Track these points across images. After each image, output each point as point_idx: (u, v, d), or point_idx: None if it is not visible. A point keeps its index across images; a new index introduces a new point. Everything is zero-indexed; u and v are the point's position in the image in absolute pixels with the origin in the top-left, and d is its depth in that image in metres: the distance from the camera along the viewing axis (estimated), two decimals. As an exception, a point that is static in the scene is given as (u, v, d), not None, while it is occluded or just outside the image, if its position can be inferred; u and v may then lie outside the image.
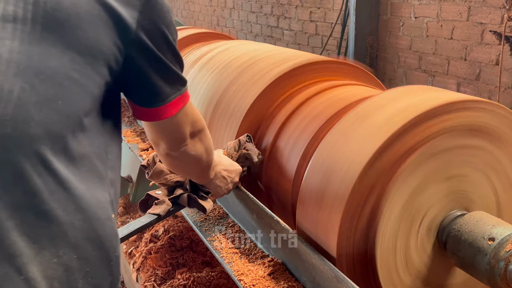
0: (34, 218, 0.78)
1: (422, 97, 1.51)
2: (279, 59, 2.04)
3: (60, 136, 0.82)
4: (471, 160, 1.49)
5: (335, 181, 1.41)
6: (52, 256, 0.79)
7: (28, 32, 0.81)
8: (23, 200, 0.77)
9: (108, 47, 0.90)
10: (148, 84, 1.03)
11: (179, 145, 1.27)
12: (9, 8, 0.80)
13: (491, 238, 1.32)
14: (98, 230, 0.87)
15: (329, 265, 1.34)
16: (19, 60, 0.79)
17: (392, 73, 4.34)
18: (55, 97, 0.82)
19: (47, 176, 0.80)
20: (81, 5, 0.86)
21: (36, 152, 0.78)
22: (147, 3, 0.96)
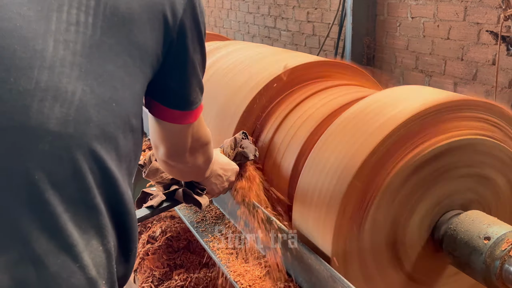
0: (85, 212, 0.84)
1: (418, 96, 1.51)
2: (276, 60, 2.04)
3: (113, 136, 0.88)
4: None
5: (330, 182, 1.41)
6: (99, 245, 0.85)
7: (89, 35, 0.85)
8: (78, 195, 0.83)
9: (153, 49, 0.96)
10: (179, 85, 1.06)
11: (178, 155, 1.28)
12: (73, 11, 0.85)
13: (487, 237, 1.32)
14: (131, 223, 0.94)
15: (325, 265, 1.34)
16: (81, 63, 0.83)
17: (389, 74, 4.34)
18: (110, 99, 0.87)
19: (99, 173, 0.85)
20: (134, 10, 0.91)
21: (93, 152, 0.84)
22: (189, 4, 1.01)
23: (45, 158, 0.79)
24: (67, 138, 0.80)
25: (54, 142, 0.79)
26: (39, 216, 0.78)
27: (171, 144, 1.23)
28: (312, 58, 2.05)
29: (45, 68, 0.79)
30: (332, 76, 2.04)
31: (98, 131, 0.84)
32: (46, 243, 0.78)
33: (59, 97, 0.80)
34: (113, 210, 0.89)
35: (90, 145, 0.83)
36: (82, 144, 0.82)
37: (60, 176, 0.80)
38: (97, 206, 0.85)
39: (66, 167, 0.81)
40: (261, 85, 1.91)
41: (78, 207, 0.82)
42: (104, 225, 0.86)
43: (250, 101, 1.89)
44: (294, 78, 1.94)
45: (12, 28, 0.79)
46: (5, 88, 0.77)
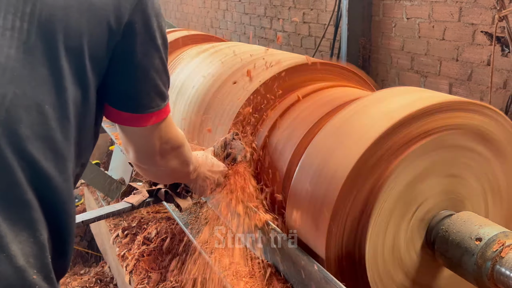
0: (15, 206, 0.86)
1: (415, 96, 1.52)
2: (271, 60, 2.04)
3: (47, 136, 0.90)
4: (472, 164, 1.51)
5: (323, 184, 1.42)
6: (29, 237, 0.87)
7: (23, 41, 0.88)
8: (7, 189, 0.85)
9: (96, 52, 0.98)
10: (130, 89, 1.08)
11: (148, 159, 1.29)
12: (9, 17, 0.87)
13: (478, 238, 1.33)
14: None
15: (318, 267, 1.35)
16: (14, 67, 0.86)
17: (384, 74, 4.34)
18: (43, 102, 0.89)
19: (29, 171, 0.87)
20: (73, 16, 0.94)
21: (23, 150, 0.86)
22: (137, 8, 1.01)
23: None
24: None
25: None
26: None
27: (137, 147, 1.25)
28: (306, 59, 2.06)
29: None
30: (327, 77, 2.04)
31: (29, 132, 0.87)
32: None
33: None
34: (47, 207, 0.90)
35: (20, 144, 0.86)
36: (11, 143, 0.85)
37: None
38: (28, 202, 0.87)
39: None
40: (253, 88, 1.92)
41: (7, 201, 0.85)
42: (35, 219, 0.88)
43: (243, 104, 1.90)
44: (287, 79, 1.95)
45: None
46: None
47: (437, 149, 1.43)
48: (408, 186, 1.42)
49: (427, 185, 1.45)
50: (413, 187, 1.43)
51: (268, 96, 1.94)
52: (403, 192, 1.42)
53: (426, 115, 1.40)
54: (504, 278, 1.27)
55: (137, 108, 1.11)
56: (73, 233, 0.99)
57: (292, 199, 1.53)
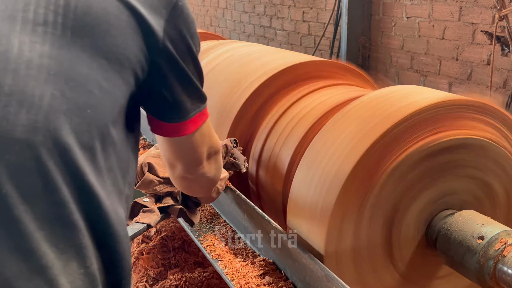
0: (62, 229, 0.76)
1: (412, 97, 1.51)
2: (269, 60, 2.04)
3: (89, 146, 0.80)
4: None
5: (322, 186, 1.42)
6: (79, 267, 0.78)
7: (58, 36, 0.78)
8: (52, 210, 0.75)
9: (135, 55, 0.87)
10: (171, 97, 0.98)
11: (196, 167, 1.20)
12: (40, 11, 0.78)
13: (481, 237, 1.33)
14: (119, 246, 0.85)
15: (319, 264, 1.34)
16: (49, 65, 0.76)
17: (384, 73, 4.35)
18: (85, 105, 0.79)
19: (75, 186, 0.77)
20: (111, 10, 0.83)
21: (67, 162, 0.76)
22: (174, 12, 0.93)
23: (13, 170, 0.71)
24: (36, 147, 0.73)
25: (21, 152, 0.72)
26: (9, 235, 0.71)
27: (187, 158, 1.16)
28: (306, 58, 2.05)
29: (9, 71, 0.73)
30: (327, 76, 2.04)
31: (72, 139, 0.76)
32: (17, 266, 0.71)
33: (25, 102, 0.73)
34: (94, 230, 0.80)
35: (63, 154, 0.75)
36: (54, 154, 0.74)
37: (31, 190, 0.73)
38: (75, 223, 0.77)
39: (36, 179, 0.73)
40: (253, 88, 1.91)
41: (53, 225, 0.74)
42: (84, 245, 0.78)
43: (243, 103, 1.89)
44: (287, 78, 1.94)
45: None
46: None
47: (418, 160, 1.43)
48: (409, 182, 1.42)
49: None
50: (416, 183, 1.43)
51: (266, 97, 1.93)
52: (404, 189, 1.42)
53: (458, 108, 1.42)
54: (506, 276, 1.27)
55: (184, 115, 1.02)
56: (128, 263, 0.87)
57: (292, 199, 1.53)
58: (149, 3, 0.89)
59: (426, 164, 1.42)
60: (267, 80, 1.91)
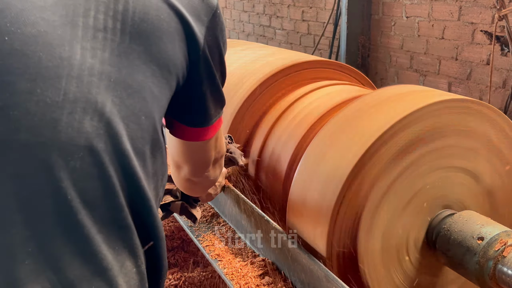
0: (118, 232, 0.78)
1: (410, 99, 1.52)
2: (268, 61, 2.03)
3: (142, 152, 0.82)
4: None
5: (322, 187, 1.42)
6: (133, 266, 0.80)
7: (117, 42, 0.79)
8: (110, 214, 0.77)
9: (180, 61, 0.88)
10: (200, 102, 0.99)
11: (203, 170, 1.21)
12: (100, 16, 0.78)
13: (480, 238, 1.33)
14: (161, 247, 0.88)
15: (319, 265, 1.34)
16: (110, 72, 0.77)
17: (383, 73, 4.34)
18: (140, 112, 0.80)
19: (130, 191, 0.80)
20: (164, 18, 0.84)
21: (125, 168, 0.78)
22: (213, 19, 0.94)
23: (77, 175, 0.73)
24: (99, 154, 0.74)
25: (85, 158, 0.73)
26: (71, 240, 0.73)
27: (196, 161, 1.17)
28: (304, 57, 2.05)
29: (73, 78, 0.73)
30: (326, 75, 2.04)
31: (129, 146, 0.78)
32: (80, 269, 0.73)
33: (88, 109, 0.74)
34: (144, 231, 0.83)
35: (122, 160, 0.77)
36: (114, 160, 0.76)
37: (92, 195, 0.75)
38: (129, 226, 0.79)
39: (98, 185, 0.75)
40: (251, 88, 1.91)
41: (110, 228, 0.77)
42: (137, 246, 0.81)
43: (242, 103, 1.89)
44: (286, 78, 1.94)
45: (36, 34, 0.72)
46: (32, 100, 0.70)
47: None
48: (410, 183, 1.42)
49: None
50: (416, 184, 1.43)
51: (265, 97, 1.93)
52: (405, 188, 1.42)
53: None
54: (506, 277, 1.27)
55: (207, 121, 1.03)
56: (166, 263, 0.91)
57: (292, 200, 1.53)
58: (194, 10, 0.90)
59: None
60: (266, 81, 1.91)
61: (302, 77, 1.98)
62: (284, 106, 1.89)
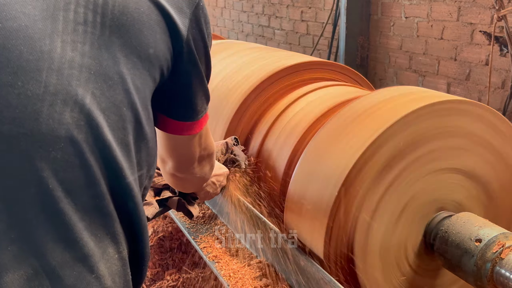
0: (101, 219, 0.80)
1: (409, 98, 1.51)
2: (267, 62, 2.03)
3: (125, 142, 0.84)
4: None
5: (320, 187, 1.41)
6: (115, 253, 0.82)
7: (98, 35, 0.81)
8: (93, 202, 0.79)
9: (163, 53, 0.90)
10: (186, 96, 1.01)
11: (187, 167, 1.23)
12: (80, 10, 0.80)
13: (478, 240, 1.32)
14: (144, 235, 0.90)
15: (317, 267, 1.34)
16: (90, 65, 0.79)
17: (382, 73, 4.34)
18: (121, 103, 0.82)
19: (112, 180, 0.82)
20: (143, 10, 0.86)
21: (106, 157, 0.80)
22: (196, 12, 0.95)
23: (58, 165, 0.75)
24: (79, 144, 0.77)
25: (66, 149, 0.76)
26: (53, 227, 0.75)
27: (179, 156, 1.18)
28: (304, 58, 2.05)
29: (54, 71, 0.75)
30: (324, 76, 2.03)
31: (110, 136, 0.80)
32: (61, 255, 0.76)
33: (69, 101, 0.76)
34: (126, 219, 0.85)
35: (103, 150, 0.80)
36: (95, 150, 0.78)
37: (74, 184, 0.77)
38: (111, 213, 0.81)
39: (79, 174, 0.77)
40: (251, 88, 1.91)
41: (93, 215, 0.79)
42: (118, 232, 0.83)
43: (240, 104, 1.89)
44: (283, 79, 1.94)
45: (17, 28, 0.75)
46: (13, 93, 0.73)
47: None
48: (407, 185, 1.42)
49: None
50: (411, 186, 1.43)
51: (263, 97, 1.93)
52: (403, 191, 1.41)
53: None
54: (504, 279, 1.26)
55: (193, 115, 1.05)
56: (148, 251, 0.93)
57: (290, 200, 1.52)
58: (175, 2, 0.92)
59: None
60: (264, 82, 1.91)
61: (300, 78, 1.98)
62: (283, 107, 1.89)
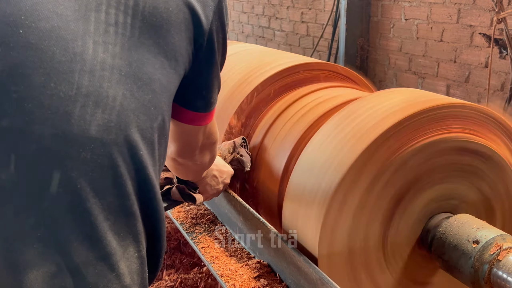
0: (124, 219, 0.82)
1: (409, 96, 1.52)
2: (265, 62, 2.03)
3: (151, 141, 0.85)
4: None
5: (320, 183, 1.41)
6: (135, 251, 0.84)
7: (128, 37, 0.82)
8: (118, 202, 0.80)
9: (186, 50, 0.92)
10: (203, 87, 1.03)
11: (188, 154, 1.24)
12: (111, 11, 0.81)
13: (476, 241, 1.32)
14: (163, 231, 0.92)
15: (314, 267, 1.34)
16: (121, 66, 0.80)
17: (382, 75, 4.34)
18: (150, 103, 0.84)
19: (138, 180, 0.83)
20: (172, 9, 0.88)
21: (134, 157, 0.81)
22: (219, 4, 0.97)
23: (87, 166, 0.77)
24: (109, 145, 0.78)
25: (96, 150, 0.77)
26: (80, 226, 0.77)
27: (183, 143, 1.19)
28: (303, 59, 2.05)
29: (86, 72, 0.77)
30: (324, 78, 2.04)
31: (138, 136, 0.82)
32: (85, 253, 0.77)
33: (100, 103, 0.77)
34: (148, 217, 0.86)
35: (131, 151, 0.81)
36: (123, 151, 0.80)
37: (102, 184, 0.78)
38: (134, 213, 0.83)
39: (107, 174, 0.79)
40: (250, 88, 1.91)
41: (117, 215, 0.80)
42: (140, 231, 0.84)
43: (239, 104, 1.89)
44: (284, 79, 1.94)
45: (50, 29, 0.76)
46: (46, 94, 0.74)
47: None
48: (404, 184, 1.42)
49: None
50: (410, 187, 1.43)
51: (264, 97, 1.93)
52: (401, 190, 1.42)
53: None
54: (501, 281, 1.26)
55: (207, 107, 1.07)
56: (165, 245, 0.94)
57: (288, 199, 1.53)
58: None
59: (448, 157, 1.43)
60: (263, 83, 1.91)
61: (300, 79, 1.98)
62: (282, 108, 1.89)
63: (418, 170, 1.41)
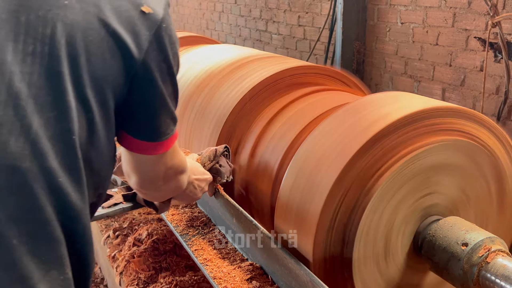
0: (45, 243, 0.82)
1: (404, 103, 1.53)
2: (261, 65, 2.04)
3: (73, 167, 0.86)
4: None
5: (312, 186, 1.42)
6: (59, 274, 0.83)
7: (45, 66, 0.83)
8: (37, 228, 0.81)
9: (114, 79, 0.92)
10: (147, 116, 1.03)
11: (151, 184, 1.24)
12: (29, 41, 0.82)
13: (465, 244, 1.34)
14: (91, 254, 0.93)
15: (305, 270, 1.35)
16: (37, 95, 0.81)
17: (378, 78, 4.35)
18: (69, 132, 0.85)
19: (59, 206, 0.83)
20: (92, 39, 0.88)
21: (52, 184, 0.82)
22: (157, 33, 0.97)
23: (2, 192, 0.77)
24: (23, 173, 0.79)
25: (9, 177, 0.78)
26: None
27: (142, 174, 1.19)
28: (298, 63, 2.06)
29: (1, 102, 0.78)
30: (319, 81, 2.05)
31: (56, 164, 0.82)
32: (0, 275, 0.77)
33: (13, 131, 0.78)
34: (72, 242, 0.87)
35: (48, 178, 0.81)
36: (40, 178, 0.80)
37: (18, 211, 0.79)
38: (57, 238, 0.83)
39: (23, 201, 0.79)
40: (244, 92, 1.92)
41: (37, 240, 0.80)
42: (63, 256, 0.84)
43: (234, 107, 1.90)
44: (278, 83, 1.95)
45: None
46: None
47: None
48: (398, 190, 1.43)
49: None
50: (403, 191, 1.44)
51: (257, 101, 1.94)
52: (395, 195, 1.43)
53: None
54: (490, 283, 1.28)
55: (156, 136, 1.07)
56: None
57: (280, 201, 1.54)
58: (132, 26, 0.93)
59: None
60: (256, 86, 1.92)
61: (292, 83, 1.99)
62: (274, 112, 1.90)
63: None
